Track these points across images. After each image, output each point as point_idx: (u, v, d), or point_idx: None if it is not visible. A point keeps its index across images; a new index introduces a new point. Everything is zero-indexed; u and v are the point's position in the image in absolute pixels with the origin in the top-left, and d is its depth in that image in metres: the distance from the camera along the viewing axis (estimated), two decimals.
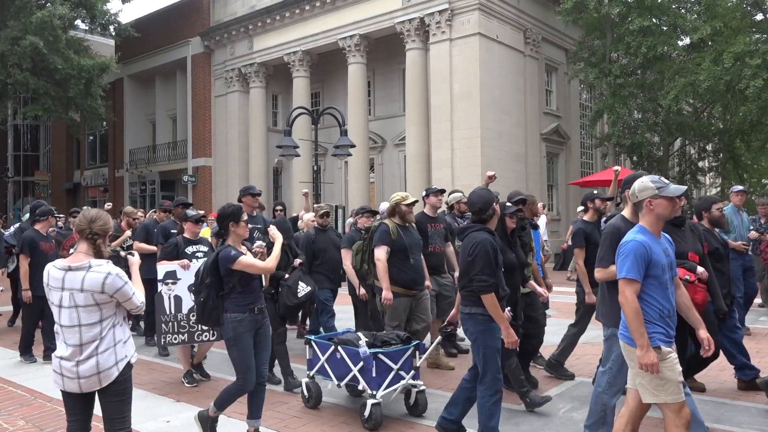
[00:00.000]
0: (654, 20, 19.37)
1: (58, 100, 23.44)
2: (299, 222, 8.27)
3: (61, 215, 11.78)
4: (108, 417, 3.23)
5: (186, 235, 6.25)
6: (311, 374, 5.19)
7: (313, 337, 5.33)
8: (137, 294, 3.22)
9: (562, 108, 23.33)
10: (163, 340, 6.01)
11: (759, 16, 17.96)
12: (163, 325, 5.94)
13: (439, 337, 4.98)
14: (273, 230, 4.65)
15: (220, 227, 4.45)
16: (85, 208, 10.14)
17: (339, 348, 4.94)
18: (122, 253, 3.76)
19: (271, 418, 4.92)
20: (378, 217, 7.35)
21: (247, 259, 4.23)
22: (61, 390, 3.22)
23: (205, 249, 6.31)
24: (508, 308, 4.41)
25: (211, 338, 6.01)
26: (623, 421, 3.47)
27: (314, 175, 15.40)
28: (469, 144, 18.92)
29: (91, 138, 33.22)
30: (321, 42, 22.49)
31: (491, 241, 4.01)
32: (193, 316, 5.73)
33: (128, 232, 8.10)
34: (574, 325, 5.99)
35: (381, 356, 4.72)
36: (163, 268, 6.00)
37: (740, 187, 8.54)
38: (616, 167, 5.56)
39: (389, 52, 22.05)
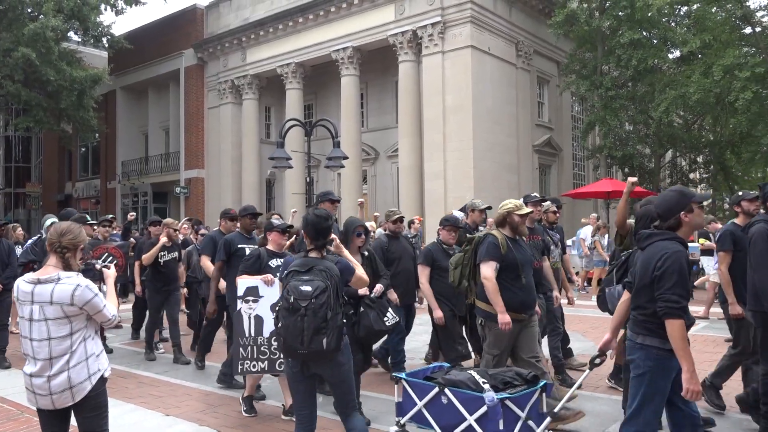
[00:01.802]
0: (644, 33, 19.57)
1: (50, 112, 23.37)
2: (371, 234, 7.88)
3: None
4: None
5: (270, 246, 5.45)
6: (402, 422, 4.31)
7: (404, 375, 4.41)
8: (108, 306, 3.18)
9: (554, 120, 23.46)
10: (240, 366, 5.09)
11: (748, 30, 18.14)
12: (241, 350, 5.06)
13: (586, 373, 3.98)
14: (336, 242, 3.95)
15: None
16: (110, 216, 9.82)
17: (447, 391, 4.01)
18: (97, 266, 3.67)
19: None
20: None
21: (360, 270, 3.80)
22: (35, 408, 3.18)
23: None
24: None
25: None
26: None
27: (307, 186, 15.39)
28: (461, 156, 18.97)
29: (83, 149, 33.12)
30: (314, 54, 22.57)
31: (685, 254, 3.32)
32: (275, 340, 4.87)
33: (164, 239, 7.65)
34: (733, 346, 5.17)
35: (508, 402, 3.84)
36: (244, 282, 5.15)
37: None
38: (633, 179, 5.29)
39: (382, 64, 22.14)
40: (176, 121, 27.53)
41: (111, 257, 7.42)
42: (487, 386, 3.90)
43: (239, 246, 6.07)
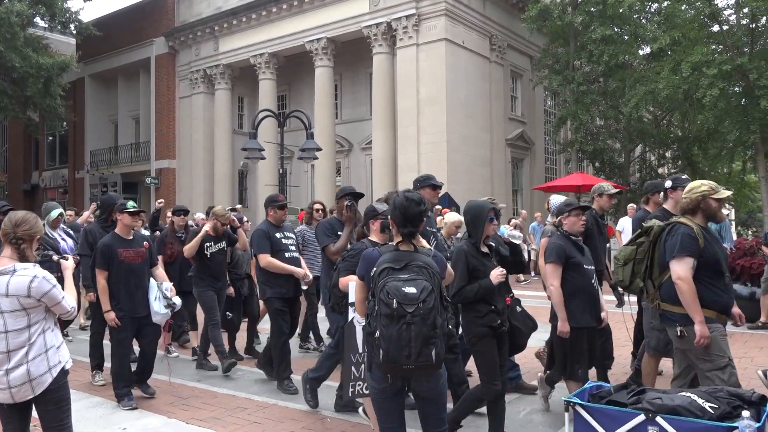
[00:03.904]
0: (616, 29, 19.81)
1: (15, 99, 22.78)
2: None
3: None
4: (46, 426, 3.14)
5: (374, 238, 4.35)
6: None
7: (578, 400, 3.51)
8: (67, 298, 3.12)
9: (527, 114, 23.66)
10: (351, 389, 4.10)
11: (716, 28, 18.47)
12: (353, 369, 4.07)
13: None
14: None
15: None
16: (159, 201, 9.27)
17: (660, 420, 3.16)
18: (54, 257, 3.58)
19: None
20: (549, 216, 6.07)
21: (448, 264, 3.36)
22: None
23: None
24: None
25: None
26: None
27: (280, 178, 15.29)
28: (435, 148, 19.03)
29: (50, 138, 32.38)
30: (287, 44, 22.38)
31: None
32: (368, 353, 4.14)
33: (206, 228, 6.55)
34: None
35: None
36: (354, 285, 3.87)
37: None
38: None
39: (356, 55, 22.05)
40: (147, 110, 27.07)
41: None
42: (745, 413, 2.97)
43: (339, 234, 5.41)
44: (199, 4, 25.19)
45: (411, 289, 2.79)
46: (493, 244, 4.28)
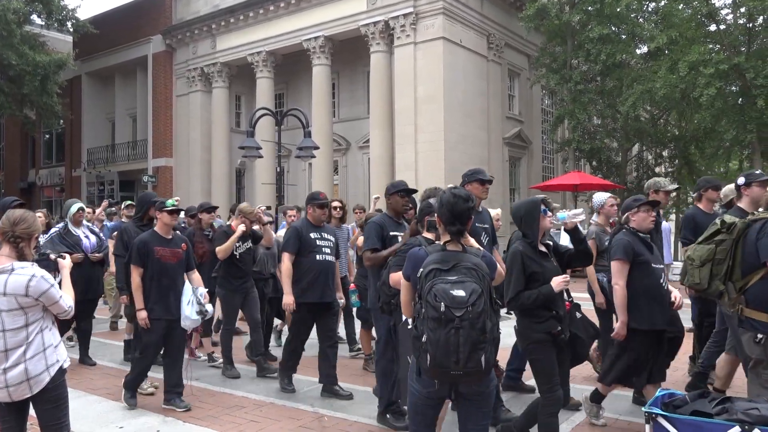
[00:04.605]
0: (613, 28, 19.83)
1: (12, 97, 22.74)
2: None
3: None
4: (44, 425, 3.14)
5: (427, 235, 4.14)
6: None
7: (660, 411, 3.18)
8: (65, 297, 3.12)
9: (525, 113, 23.67)
10: None
11: (713, 27, 18.51)
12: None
13: None
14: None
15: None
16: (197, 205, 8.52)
17: None
18: (52, 256, 3.56)
19: None
20: (594, 215, 5.87)
21: (501, 264, 3.24)
22: None
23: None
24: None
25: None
26: None
27: (278, 176, 15.29)
28: (432, 147, 19.03)
29: (47, 136, 32.31)
30: (285, 43, 22.35)
31: None
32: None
33: (242, 228, 6.22)
34: None
35: None
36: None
37: None
38: None
39: (354, 54, 22.03)
40: (144, 108, 27.01)
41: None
42: None
43: (391, 234, 4.94)
44: (197, 1, 25.13)
45: (459, 292, 2.67)
46: (551, 243, 4.01)
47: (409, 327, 3.25)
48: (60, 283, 3.22)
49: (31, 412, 3.18)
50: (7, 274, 2.97)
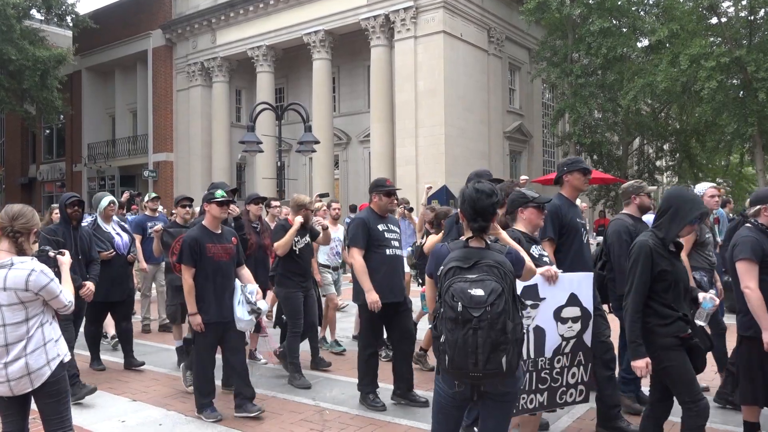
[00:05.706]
0: (614, 22, 19.78)
1: (12, 92, 22.73)
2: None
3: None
4: (46, 418, 3.15)
5: (521, 227, 3.78)
6: None
7: None
8: (65, 292, 3.13)
9: (525, 107, 23.64)
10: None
11: (714, 20, 18.45)
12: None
13: None
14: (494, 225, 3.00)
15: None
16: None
17: None
18: (51, 253, 3.55)
19: None
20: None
21: (529, 260, 3.04)
22: None
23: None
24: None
25: (578, 398, 3.83)
26: None
27: (278, 171, 15.28)
28: (433, 141, 19.02)
29: (47, 131, 32.31)
30: (285, 37, 22.31)
31: None
32: (558, 361, 3.66)
33: (300, 220, 5.72)
34: None
35: None
36: (519, 282, 3.42)
37: None
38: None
39: (354, 48, 22.00)
40: (144, 103, 27.00)
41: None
42: None
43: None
44: None
45: (478, 291, 2.52)
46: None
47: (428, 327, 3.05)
48: (60, 279, 3.22)
49: (33, 406, 3.20)
50: (6, 268, 2.98)
